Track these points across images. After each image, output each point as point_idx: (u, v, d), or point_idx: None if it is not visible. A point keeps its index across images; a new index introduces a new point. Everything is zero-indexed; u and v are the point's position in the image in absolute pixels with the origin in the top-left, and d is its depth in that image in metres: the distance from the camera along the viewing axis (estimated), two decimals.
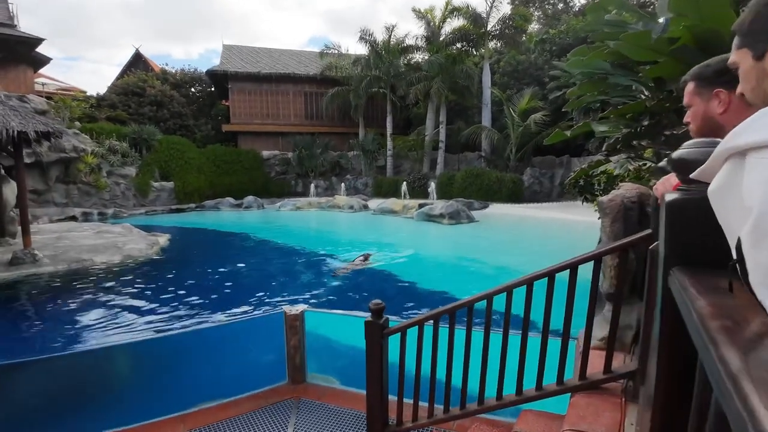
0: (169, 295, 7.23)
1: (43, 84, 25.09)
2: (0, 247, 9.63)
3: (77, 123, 19.88)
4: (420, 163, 24.55)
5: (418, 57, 25.31)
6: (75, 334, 5.71)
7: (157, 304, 6.79)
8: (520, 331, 2.09)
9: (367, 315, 3.03)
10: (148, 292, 7.46)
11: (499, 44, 24.76)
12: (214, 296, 7.39)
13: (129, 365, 3.84)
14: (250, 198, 21.83)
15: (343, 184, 24.51)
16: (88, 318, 6.24)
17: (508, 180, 19.72)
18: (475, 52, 24.16)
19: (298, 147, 25.54)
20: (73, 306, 6.76)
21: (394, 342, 2.50)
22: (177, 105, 26.03)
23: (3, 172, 10.50)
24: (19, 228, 9.19)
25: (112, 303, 6.85)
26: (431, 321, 2.25)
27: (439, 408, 2.45)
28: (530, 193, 20.00)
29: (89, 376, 3.59)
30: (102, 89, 28.71)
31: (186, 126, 26.15)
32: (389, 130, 24.87)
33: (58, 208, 17.34)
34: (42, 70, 24.97)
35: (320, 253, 10.88)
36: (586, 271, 1.91)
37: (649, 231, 1.74)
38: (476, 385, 2.22)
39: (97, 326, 5.92)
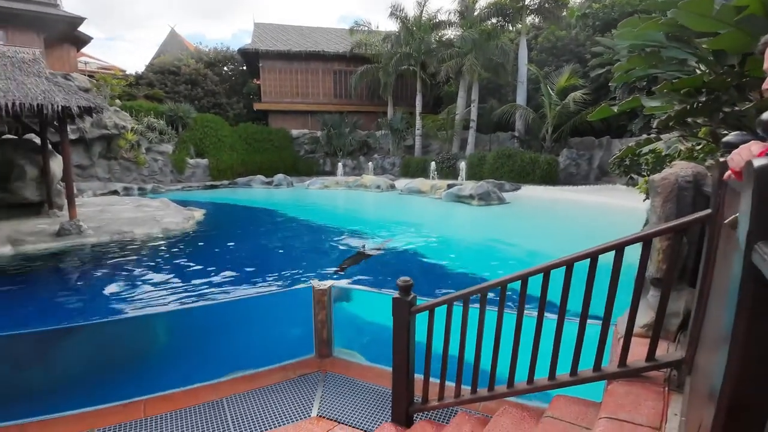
0: (203, 267, 7.51)
1: (85, 63, 26.11)
2: (48, 218, 10.26)
3: (117, 101, 20.63)
4: (449, 143, 24.03)
5: (451, 33, 24.46)
6: (116, 302, 6.05)
7: (192, 276, 7.07)
8: (554, 315, 2.01)
9: (394, 293, 3.01)
10: (184, 264, 7.78)
11: (537, 19, 23.47)
12: (245, 269, 7.61)
13: (165, 334, 4.01)
14: (280, 176, 22.21)
15: (370, 163, 24.44)
16: (128, 287, 6.58)
17: (543, 161, 19.00)
18: (511, 28, 23.06)
19: (326, 126, 25.57)
20: (114, 275, 7.15)
21: (421, 320, 2.46)
22: (210, 83, 26.49)
23: (50, 147, 11.06)
24: (66, 200, 9.71)
25: (151, 273, 7.18)
26: (461, 300, 2.19)
27: (465, 389, 2.42)
28: (566, 176, 19.23)
29: (129, 343, 3.78)
30: (139, 69, 29.56)
31: (219, 104, 26.64)
32: (418, 108, 24.40)
33: (101, 182, 18.24)
34: (84, 50, 25.87)
35: (347, 232, 10.95)
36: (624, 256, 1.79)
37: (707, 211, 1.59)
38: (505, 367, 2.16)
39: (135, 295, 6.24)
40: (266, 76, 26.47)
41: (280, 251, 9.50)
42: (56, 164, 10.86)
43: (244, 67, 29.14)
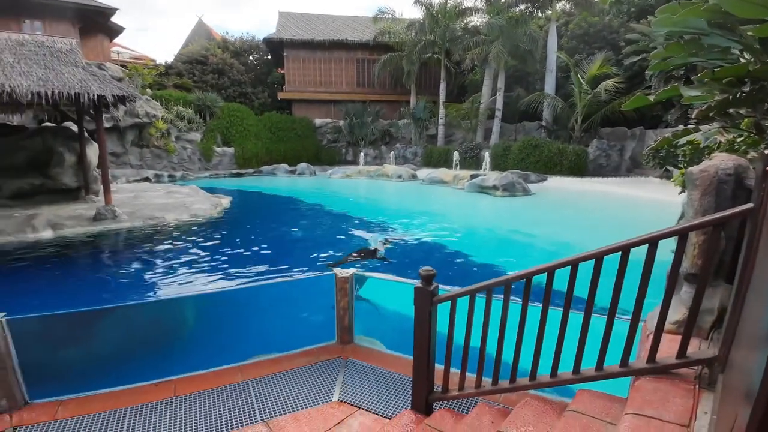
0: (230, 253, 7.74)
1: (117, 53, 26.93)
2: (85, 203, 10.74)
3: (148, 90, 21.23)
4: (473, 132, 23.64)
5: (477, 20, 23.88)
6: (148, 285, 6.31)
7: (219, 261, 7.30)
8: (579, 310, 1.97)
9: (414, 281, 3.02)
10: (211, 250, 8.03)
11: (568, 5, 22.60)
12: (269, 255, 7.80)
13: (194, 316, 4.16)
14: (303, 165, 22.48)
15: (392, 153, 24.37)
16: (159, 270, 6.85)
17: (571, 152, 18.46)
18: (540, 14, 22.30)
19: (349, 115, 25.59)
20: (147, 258, 7.46)
21: (442, 310, 2.46)
22: (236, 73, 26.87)
23: (86, 135, 11.53)
24: (101, 187, 10.14)
25: (180, 258, 7.45)
26: (484, 291, 2.18)
27: (486, 380, 2.42)
28: (595, 167, 18.63)
29: (161, 325, 3.95)
30: (167, 58, 30.24)
31: (245, 93, 27.02)
32: (442, 97, 24.05)
33: (133, 169, 18.92)
34: (116, 40, 26.65)
35: (367, 221, 11.01)
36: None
37: (749, 205, 1.52)
38: (527, 360, 2.14)
39: (166, 278, 6.49)
40: (290, 65, 26.63)
41: (302, 239, 9.66)
42: (92, 151, 11.33)
43: (269, 57, 29.39)
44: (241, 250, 7.97)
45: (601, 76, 18.35)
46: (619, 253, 1.74)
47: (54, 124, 12.44)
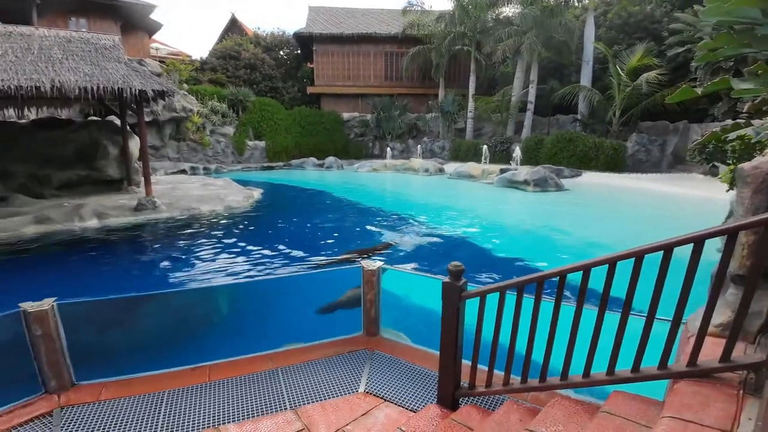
0: (261, 243, 7.98)
1: (156, 48, 27.98)
2: (127, 194, 11.29)
3: (185, 85, 22.00)
4: (504, 125, 23.12)
5: (509, 11, 23.26)
6: (185, 273, 6.59)
7: (251, 251, 7.54)
8: (610, 309, 1.91)
9: (441, 277, 3.00)
10: (244, 240, 8.30)
11: None
12: (298, 246, 7.98)
13: (228, 304, 4.32)
14: (330, 159, 22.73)
15: (419, 146, 24.22)
16: (195, 259, 7.15)
17: (608, 146, 17.75)
18: (576, 3, 21.44)
19: (376, 109, 25.60)
20: (184, 248, 7.79)
21: (470, 306, 2.44)
22: (268, 68, 27.38)
23: (128, 128, 12.10)
24: (142, 178, 10.63)
25: (215, 247, 7.75)
26: (515, 288, 2.15)
27: (515, 378, 2.39)
28: (634, 162, 17.84)
29: (196, 312, 4.12)
30: (200, 54, 31.18)
31: (275, 88, 27.52)
32: (471, 90, 23.62)
33: (171, 162, 19.71)
34: (154, 36, 27.69)
35: (393, 214, 11.04)
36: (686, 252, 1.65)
37: None
38: (558, 359, 2.10)
39: (201, 267, 6.76)
40: (319, 59, 26.87)
41: (329, 231, 9.81)
42: (134, 144, 11.89)
43: (299, 51, 29.75)
44: (272, 241, 8.19)
45: (641, 67, 17.50)
46: (661, 252, 1.67)
47: (98, 118, 13.10)
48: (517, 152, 19.27)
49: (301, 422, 2.85)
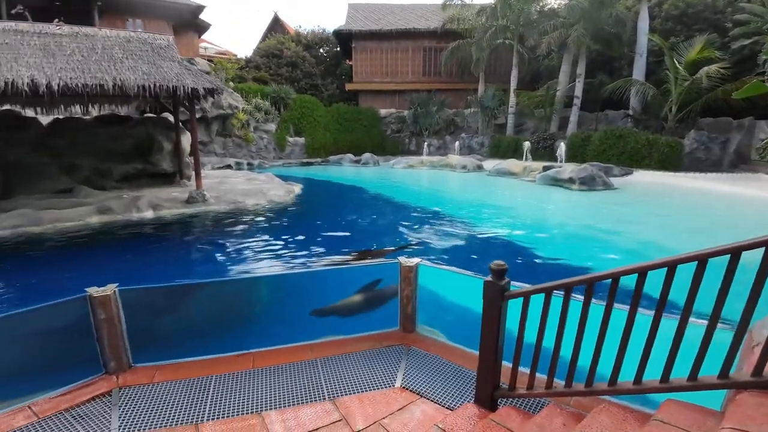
0: (302, 236, 8.24)
1: (204, 48, 29.28)
2: (179, 187, 11.95)
3: (231, 83, 22.91)
4: (547, 121, 22.27)
5: (555, 2, 22.35)
6: (230, 263, 6.91)
7: (292, 243, 7.80)
8: (672, 315, 1.80)
9: (481, 276, 2.95)
10: (286, 233, 8.60)
11: None
12: (336, 240, 8.16)
13: (271, 294, 4.47)
14: (367, 155, 22.92)
15: (457, 143, 23.85)
16: (241, 250, 7.49)
17: (663, 143, 16.66)
18: None
19: (413, 104, 25.46)
20: (231, 239, 8.18)
21: (512, 306, 2.39)
22: (308, 65, 27.97)
23: (180, 124, 12.78)
24: (193, 172, 11.21)
25: (259, 239, 8.10)
26: (562, 290, 2.07)
27: (558, 382, 2.32)
28: (691, 161, 16.64)
29: (242, 300, 4.30)
30: (243, 52, 32.30)
31: (315, 85, 28.07)
32: (513, 84, 22.93)
33: (217, 157, 20.63)
34: (203, 36, 28.97)
35: (430, 211, 10.97)
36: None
37: None
38: (605, 365, 2.01)
39: (246, 257, 7.07)
40: (358, 56, 27.10)
41: (366, 225, 9.93)
42: (186, 140, 12.56)
43: (338, 49, 30.11)
44: (312, 234, 8.44)
45: (701, 61, 16.23)
46: (728, 256, 1.56)
47: (153, 115, 13.92)
48: (562, 149, 18.52)
49: (339, 413, 2.91)
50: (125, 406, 2.98)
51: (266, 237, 8.23)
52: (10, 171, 9.96)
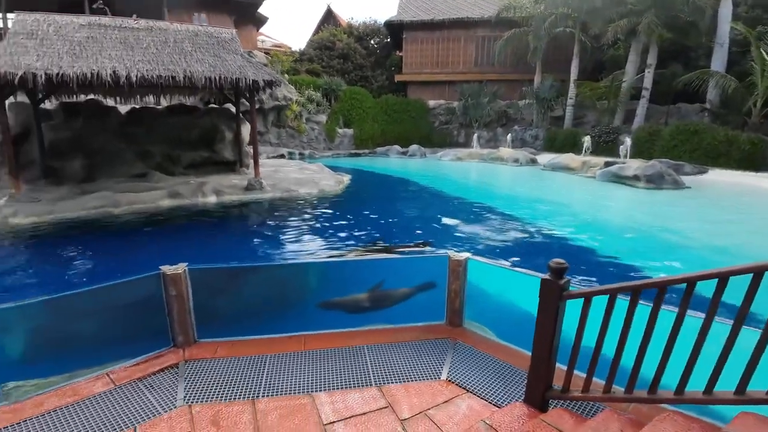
0: (352, 225, 8.47)
1: (262, 41, 30.37)
2: (239, 175, 12.62)
3: (285, 75, 23.68)
4: (611, 114, 20.88)
5: None
6: (286, 248, 7.26)
7: (342, 231, 8.04)
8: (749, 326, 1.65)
9: (534, 273, 2.85)
10: (336, 221, 8.87)
11: None
12: (385, 230, 8.27)
13: (323, 280, 4.63)
14: (414, 147, 22.82)
15: (509, 135, 23.05)
16: (294, 236, 7.84)
17: (744, 141, 15.06)
18: None
19: (464, 96, 24.87)
20: (286, 225, 8.60)
21: (570, 307, 2.30)
22: (359, 57, 28.21)
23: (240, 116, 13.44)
24: (251, 161, 11.78)
25: (312, 226, 8.46)
26: (629, 293, 1.97)
27: (616, 388, 2.21)
28: None
29: (296, 284, 4.49)
30: (296, 45, 33.10)
31: (365, 77, 28.28)
32: (573, 75, 21.70)
33: (272, 147, 21.50)
34: (260, 29, 30.01)
35: (479, 205, 10.75)
36: None
37: None
38: (671, 374, 1.89)
39: (301, 243, 7.42)
40: (408, 47, 26.88)
41: (412, 217, 9.95)
42: (245, 130, 13.23)
43: (389, 40, 30.01)
44: (361, 224, 8.64)
45: None
46: None
47: (216, 106, 14.74)
48: (627, 144, 17.31)
49: (385, 400, 2.97)
50: (190, 378, 3.20)
51: (317, 225, 8.52)
52: (94, 156, 11.00)
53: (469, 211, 10.42)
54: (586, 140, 18.88)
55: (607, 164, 14.68)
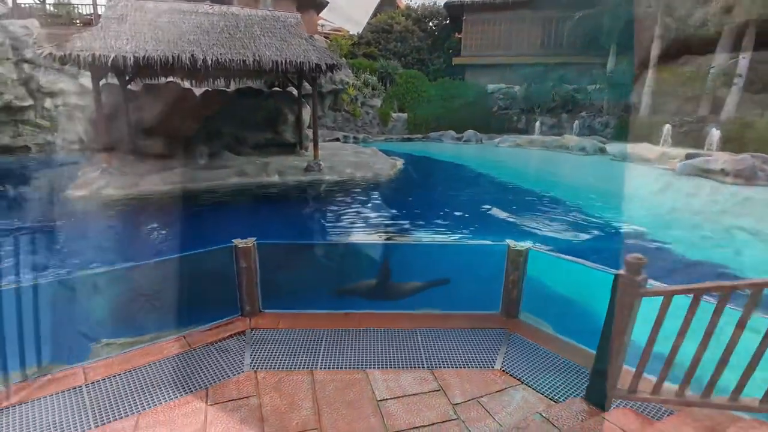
0: (406, 208, 8.62)
1: (321, 25, 30.74)
2: (299, 157, 13.10)
3: (343, 59, 23.89)
4: (696, 102, 18.81)
5: None
6: (343, 228, 7.48)
7: (397, 214, 8.19)
8: None
9: (602, 268, 2.71)
10: (391, 204, 9.05)
11: None
12: (438, 215, 8.25)
13: (378, 261, 4.73)
14: (469, 132, 22.15)
15: (576, 122, 21.63)
16: (350, 216, 8.12)
17: None
18: None
19: (527, 80, 23.55)
20: (343, 206, 8.90)
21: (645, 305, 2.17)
22: (416, 40, 27.68)
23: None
24: (311, 143, 12.15)
25: (368, 208, 8.71)
26: (716, 294, 1.82)
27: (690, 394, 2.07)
28: None
29: (348, 263, 4.62)
30: (355, 30, 33.02)
31: (422, 60, 27.75)
32: (653, 59, 19.72)
33: (328, 130, 21.95)
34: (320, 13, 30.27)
35: (539, 195, 10.32)
36: None
37: None
38: (756, 382, 1.73)
39: (357, 224, 7.64)
40: (468, 29, 25.88)
41: (466, 204, 9.75)
42: (305, 113, 13.65)
43: (447, 22, 29.08)
44: (415, 208, 8.73)
45: None
46: None
47: (279, 89, 15.27)
48: (714, 135, 15.62)
49: (437, 383, 3.02)
50: (256, 345, 3.45)
51: (372, 207, 8.72)
52: (173, 135, 11.87)
53: (526, 199, 10.02)
54: (666, 129, 17.26)
55: (689, 156, 13.39)
